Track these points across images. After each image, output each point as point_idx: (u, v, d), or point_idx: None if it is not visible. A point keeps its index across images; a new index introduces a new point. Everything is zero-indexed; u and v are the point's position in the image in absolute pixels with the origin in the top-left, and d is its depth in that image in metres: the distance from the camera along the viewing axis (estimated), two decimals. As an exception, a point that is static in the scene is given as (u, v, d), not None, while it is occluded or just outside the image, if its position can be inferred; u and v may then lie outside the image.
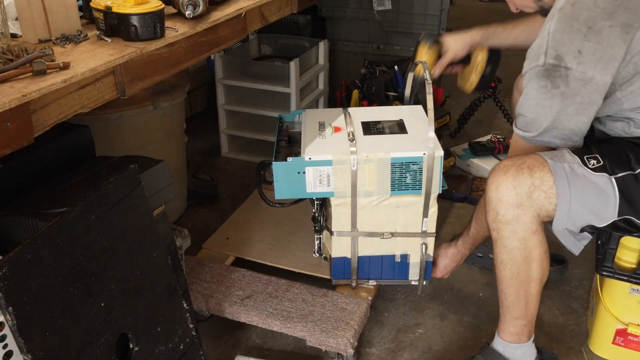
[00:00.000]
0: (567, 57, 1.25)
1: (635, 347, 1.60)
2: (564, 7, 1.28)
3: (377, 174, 1.51)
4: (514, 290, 1.42)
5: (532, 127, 1.36)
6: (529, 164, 1.32)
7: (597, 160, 1.32)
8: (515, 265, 1.39)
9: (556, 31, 1.27)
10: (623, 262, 1.52)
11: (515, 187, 1.31)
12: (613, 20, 1.24)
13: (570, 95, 1.28)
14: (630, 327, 1.57)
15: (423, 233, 1.61)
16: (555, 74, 1.27)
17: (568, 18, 1.26)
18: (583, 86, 1.27)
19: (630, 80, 1.29)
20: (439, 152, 1.48)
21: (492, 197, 1.35)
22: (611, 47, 1.24)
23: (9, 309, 0.95)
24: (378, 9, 2.85)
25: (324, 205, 1.64)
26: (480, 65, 1.82)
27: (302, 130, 1.65)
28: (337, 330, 1.52)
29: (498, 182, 1.33)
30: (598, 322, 1.65)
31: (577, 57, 1.25)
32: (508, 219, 1.34)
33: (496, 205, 1.35)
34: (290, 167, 1.50)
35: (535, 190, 1.31)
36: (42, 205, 1.30)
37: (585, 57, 1.25)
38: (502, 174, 1.33)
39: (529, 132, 1.37)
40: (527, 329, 1.47)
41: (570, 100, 1.28)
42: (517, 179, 1.31)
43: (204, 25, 1.40)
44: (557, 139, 1.36)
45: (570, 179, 1.30)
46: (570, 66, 1.25)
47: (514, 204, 1.32)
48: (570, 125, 1.32)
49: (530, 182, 1.31)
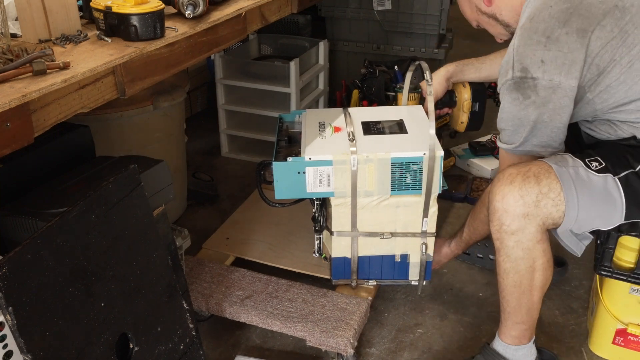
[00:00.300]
0: (532, 68, 1.31)
1: (635, 347, 1.60)
2: (524, 23, 1.35)
3: (377, 174, 1.51)
4: (516, 298, 1.41)
5: (514, 138, 1.40)
6: (534, 172, 1.31)
7: (598, 162, 1.33)
8: (518, 275, 1.38)
9: (519, 45, 1.33)
10: (622, 262, 1.52)
11: (522, 197, 1.30)
12: (568, 27, 1.29)
13: (542, 103, 1.32)
14: (630, 327, 1.57)
15: (423, 233, 1.61)
16: (524, 85, 1.32)
17: (528, 32, 1.32)
18: (552, 93, 1.31)
19: (596, 81, 1.32)
20: (439, 152, 1.48)
21: (497, 208, 1.33)
22: (571, 52, 1.28)
23: (9, 309, 0.95)
24: (378, 9, 2.85)
25: (324, 205, 1.64)
26: (466, 104, 1.86)
27: (302, 130, 1.65)
28: (337, 330, 1.52)
29: (504, 192, 1.31)
30: (598, 322, 1.65)
31: (541, 67, 1.30)
32: (513, 229, 1.33)
33: (502, 216, 1.33)
34: (290, 167, 1.50)
35: (543, 199, 1.30)
36: (42, 205, 1.30)
37: (549, 65, 1.30)
38: (509, 183, 1.31)
39: (512, 144, 1.41)
40: (528, 332, 1.47)
41: (543, 109, 1.32)
42: (524, 188, 1.30)
43: (204, 25, 1.40)
44: (538, 147, 1.39)
45: (577, 184, 1.30)
46: (536, 76, 1.30)
47: (520, 214, 1.31)
48: (547, 132, 1.36)
49: (538, 190, 1.29)
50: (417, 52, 2.90)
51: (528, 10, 1.37)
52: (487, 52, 1.85)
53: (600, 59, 1.29)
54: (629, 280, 1.52)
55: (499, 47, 1.76)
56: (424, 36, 2.88)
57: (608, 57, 1.29)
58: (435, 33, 2.86)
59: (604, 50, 1.29)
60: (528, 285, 1.39)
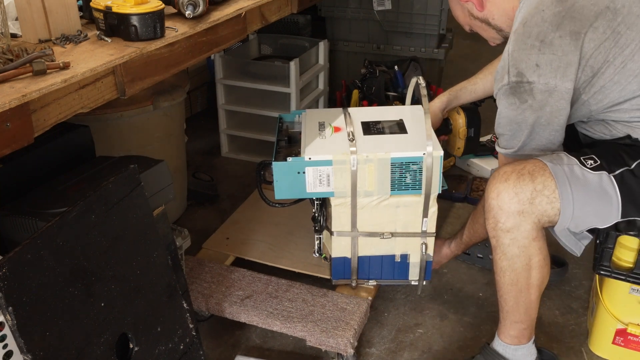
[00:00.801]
0: (528, 72, 1.31)
1: (635, 347, 1.60)
2: (517, 28, 1.35)
3: (377, 174, 1.51)
4: (513, 296, 1.42)
5: (512, 143, 1.40)
6: (529, 169, 1.32)
7: (593, 160, 1.34)
8: (515, 273, 1.39)
9: (514, 50, 1.33)
10: (621, 262, 1.52)
11: (517, 194, 1.31)
12: (561, 30, 1.29)
13: (539, 107, 1.32)
14: (630, 327, 1.57)
15: (423, 233, 1.61)
16: (521, 89, 1.32)
17: (522, 36, 1.33)
18: (549, 96, 1.31)
19: (591, 82, 1.33)
20: (439, 152, 1.48)
21: (492, 205, 1.35)
22: (565, 55, 1.29)
23: (9, 309, 0.95)
24: (378, 9, 2.85)
25: (323, 205, 1.64)
26: (461, 130, 1.87)
27: (302, 130, 1.65)
28: (337, 330, 1.52)
29: (499, 190, 1.33)
30: (598, 322, 1.65)
31: (536, 71, 1.30)
32: (509, 226, 1.34)
33: (497, 213, 1.34)
34: (290, 167, 1.50)
35: (537, 196, 1.30)
36: (42, 205, 1.30)
37: (544, 69, 1.30)
38: (503, 181, 1.33)
39: (511, 149, 1.41)
40: (527, 331, 1.47)
41: (540, 112, 1.32)
42: (518, 186, 1.31)
43: (204, 25, 1.40)
44: (537, 151, 1.39)
45: (572, 182, 1.30)
46: (532, 80, 1.31)
47: (515, 212, 1.32)
48: (546, 135, 1.36)
49: (532, 187, 1.30)
50: (417, 52, 2.90)
51: (521, 15, 1.38)
52: (487, 51, 1.86)
53: (594, 60, 1.30)
54: (627, 280, 1.52)
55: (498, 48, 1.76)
56: (424, 36, 2.88)
57: (602, 58, 1.30)
58: (435, 33, 2.86)
59: (597, 51, 1.29)
60: (525, 284, 1.40)
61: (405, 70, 2.73)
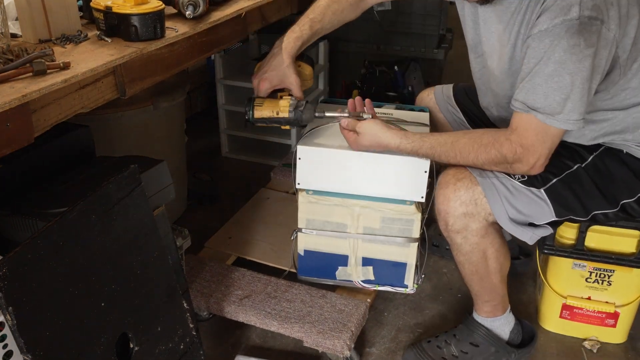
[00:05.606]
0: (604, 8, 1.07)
1: (581, 319, 1.69)
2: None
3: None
4: (476, 282, 1.49)
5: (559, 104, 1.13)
6: (466, 175, 1.36)
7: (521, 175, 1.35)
8: (473, 265, 1.45)
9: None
10: (563, 239, 1.60)
11: (459, 197, 1.35)
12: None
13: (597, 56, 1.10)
14: (569, 300, 1.67)
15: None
16: (592, 28, 1.07)
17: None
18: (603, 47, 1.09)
19: None
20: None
21: (440, 210, 1.40)
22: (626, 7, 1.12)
23: (9, 309, 0.95)
24: (378, 9, 2.84)
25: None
26: None
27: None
28: (333, 332, 1.52)
29: (445, 195, 1.37)
30: (545, 298, 1.73)
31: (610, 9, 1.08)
32: (457, 228, 1.39)
33: (445, 217, 1.39)
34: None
35: (479, 197, 1.35)
36: (42, 205, 1.30)
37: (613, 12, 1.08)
38: (445, 187, 1.37)
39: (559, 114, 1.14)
40: (500, 306, 1.54)
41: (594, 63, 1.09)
42: (462, 189, 1.35)
43: (204, 26, 1.40)
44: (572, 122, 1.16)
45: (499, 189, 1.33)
46: (604, 19, 1.08)
47: (461, 214, 1.36)
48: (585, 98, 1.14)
49: (472, 190, 1.35)
50: (417, 52, 2.89)
51: None
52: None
53: None
54: (570, 256, 1.60)
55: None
56: (423, 36, 2.88)
57: None
58: (435, 33, 2.85)
59: None
60: (485, 272, 1.46)
61: (405, 70, 2.73)
